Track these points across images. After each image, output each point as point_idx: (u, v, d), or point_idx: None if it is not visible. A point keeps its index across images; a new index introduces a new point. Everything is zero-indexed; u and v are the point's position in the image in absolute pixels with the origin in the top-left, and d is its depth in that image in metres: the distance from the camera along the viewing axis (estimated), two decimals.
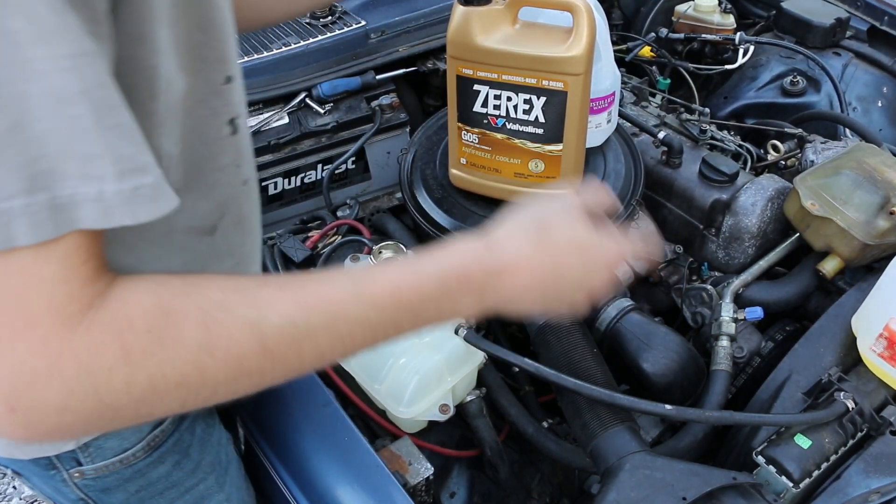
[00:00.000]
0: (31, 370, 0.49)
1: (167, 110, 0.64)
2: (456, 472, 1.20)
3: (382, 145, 1.61)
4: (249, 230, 0.87)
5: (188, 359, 0.54)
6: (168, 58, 0.62)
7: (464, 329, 1.11)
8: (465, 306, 0.71)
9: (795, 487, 0.98)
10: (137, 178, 0.51)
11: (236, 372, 0.57)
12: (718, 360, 1.21)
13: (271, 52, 1.62)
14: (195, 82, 0.68)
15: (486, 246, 0.73)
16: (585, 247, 0.76)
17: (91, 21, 0.51)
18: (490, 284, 0.71)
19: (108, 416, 0.53)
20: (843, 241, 1.25)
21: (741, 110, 1.87)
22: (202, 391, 0.56)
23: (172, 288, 0.56)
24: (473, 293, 0.71)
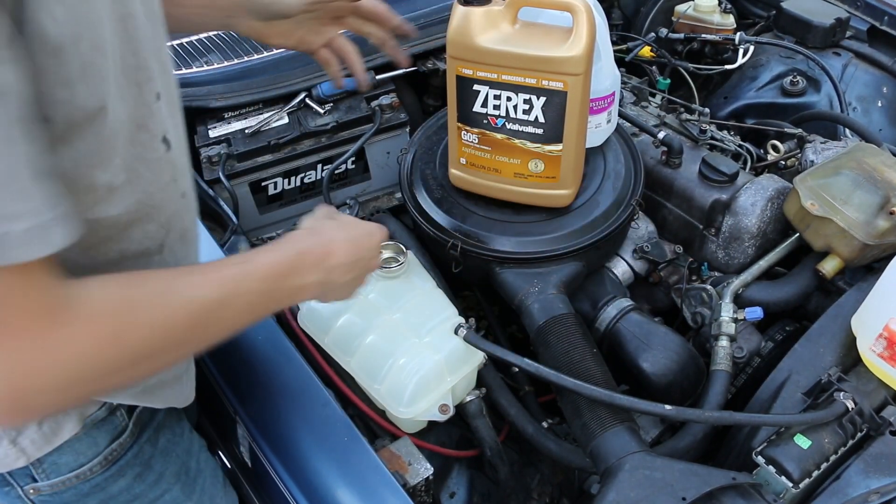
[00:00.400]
0: (24, 363, 0.59)
1: (104, 142, 0.66)
2: (456, 472, 1.20)
3: (382, 145, 1.62)
4: (192, 240, 0.91)
5: (146, 334, 0.66)
6: (110, 90, 0.65)
7: (464, 329, 1.11)
8: (312, 279, 0.84)
9: (795, 487, 0.98)
10: (5, 226, 0.55)
11: (181, 339, 0.71)
12: (718, 361, 1.21)
13: (271, 51, 1.62)
14: (133, 108, 0.70)
15: (310, 232, 0.90)
16: (364, 230, 0.95)
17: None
18: (323, 260, 0.86)
19: (91, 388, 0.68)
20: (842, 241, 1.25)
21: (741, 110, 1.87)
22: (160, 357, 0.71)
23: (125, 282, 0.68)
24: (317, 267, 0.85)
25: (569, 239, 1.27)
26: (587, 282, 1.35)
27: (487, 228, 1.29)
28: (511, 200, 1.29)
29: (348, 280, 0.91)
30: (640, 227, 1.46)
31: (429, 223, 1.33)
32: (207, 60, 1.60)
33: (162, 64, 0.77)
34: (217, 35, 1.69)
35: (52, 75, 0.58)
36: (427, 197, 1.35)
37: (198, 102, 1.53)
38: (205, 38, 1.69)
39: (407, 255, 1.22)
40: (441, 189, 1.36)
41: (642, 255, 1.42)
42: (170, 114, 0.79)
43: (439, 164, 1.41)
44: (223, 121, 1.56)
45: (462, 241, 1.27)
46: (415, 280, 1.21)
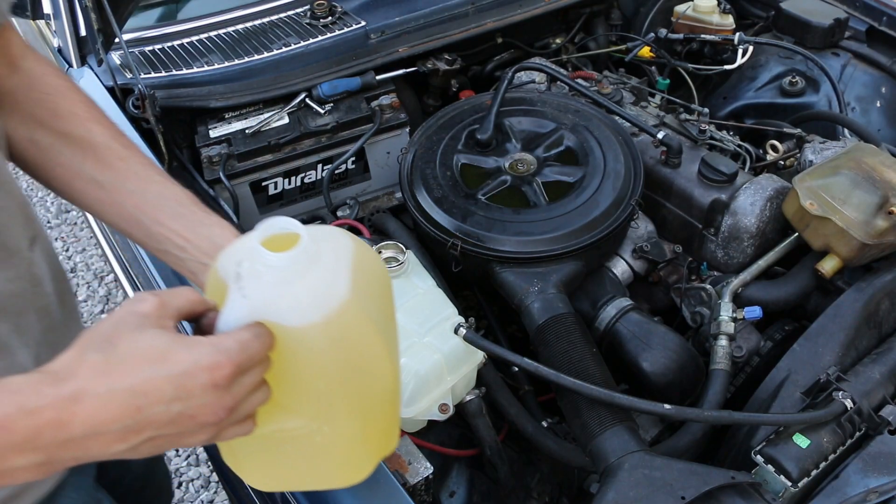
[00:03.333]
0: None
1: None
2: (455, 471, 1.21)
3: (382, 145, 1.62)
4: (37, 327, 0.74)
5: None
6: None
7: (463, 329, 1.11)
8: (21, 463, 0.56)
9: (794, 487, 0.98)
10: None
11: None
12: (717, 360, 1.21)
13: (271, 52, 1.63)
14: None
15: (45, 379, 0.57)
16: (164, 357, 0.58)
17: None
18: (57, 430, 0.55)
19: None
20: (841, 241, 1.25)
21: (740, 110, 1.87)
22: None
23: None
24: (35, 443, 0.55)
25: (568, 239, 1.28)
26: (587, 281, 1.35)
27: (487, 228, 1.29)
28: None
29: (143, 449, 0.60)
30: (640, 227, 1.46)
31: (429, 223, 1.33)
32: (208, 61, 1.60)
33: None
34: (217, 35, 1.70)
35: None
36: (427, 196, 1.35)
37: (198, 102, 1.54)
38: (205, 39, 1.69)
39: (407, 255, 1.22)
40: (441, 189, 1.36)
41: (642, 254, 1.42)
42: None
43: (439, 164, 1.41)
44: (224, 121, 1.56)
45: (462, 241, 1.28)
46: (414, 280, 1.21)
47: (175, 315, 0.63)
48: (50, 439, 0.55)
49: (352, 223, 1.42)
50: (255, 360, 0.61)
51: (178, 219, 0.84)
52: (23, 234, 0.79)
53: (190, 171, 1.51)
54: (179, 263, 0.85)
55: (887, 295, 1.24)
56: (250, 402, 0.63)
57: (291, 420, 0.68)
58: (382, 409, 0.75)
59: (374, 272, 0.72)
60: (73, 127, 0.85)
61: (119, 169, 0.85)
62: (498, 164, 1.42)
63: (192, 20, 1.75)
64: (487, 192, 1.37)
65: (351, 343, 0.65)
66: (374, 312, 0.69)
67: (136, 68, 1.47)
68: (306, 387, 0.66)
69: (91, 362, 0.57)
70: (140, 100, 1.40)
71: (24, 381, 0.56)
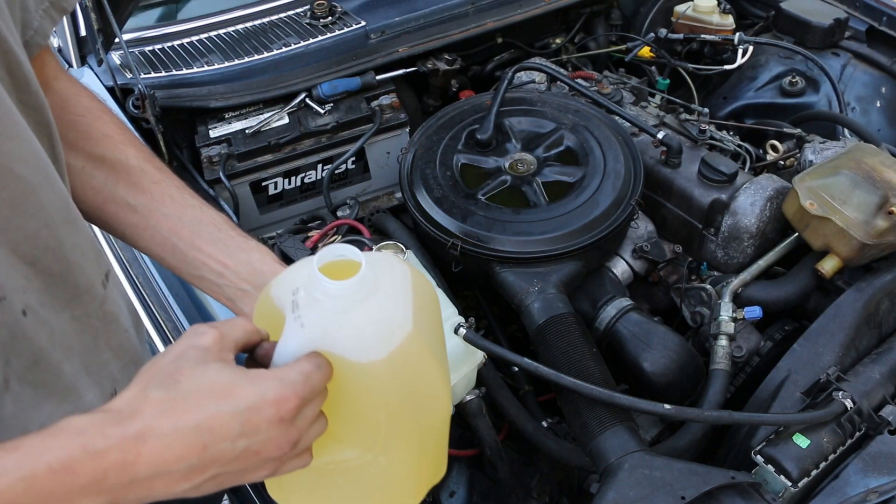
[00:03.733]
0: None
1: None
2: (455, 471, 1.21)
3: (382, 145, 1.62)
4: (56, 361, 0.71)
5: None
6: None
7: (463, 328, 1.11)
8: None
9: (794, 487, 0.98)
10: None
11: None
12: (717, 360, 1.21)
13: (271, 52, 1.63)
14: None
15: (109, 419, 0.55)
16: (229, 392, 0.57)
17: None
18: (121, 472, 0.54)
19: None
20: (841, 241, 1.25)
21: (740, 110, 1.87)
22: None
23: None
24: (100, 486, 0.53)
25: (569, 239, 1.28)
26: (587, 281, 1.35)
27: (487, 228, 1.29)
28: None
29: (206, 487, 0.59)
30: (640, 227, 1.46)
31: (429, 223, 1.33)
32: (208, 61, 1.60)
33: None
34: (217, 35, 1.70)
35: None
36: (427, 196, 1.35)
37: (198, 102, 1.54)
38: (205, 39, 1.69)
39: (407, 255, 1.22)
40: (441, 189, 1.36)
41: (642, 254, 1.42)
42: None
43: (439, 163, 1.41)
44: (224, 121, 1.56)
45: (462, 241, 1.28)
46: None
47: (234, 347, 0.62)
48: (115, 481, 0.54)
49: (352, 223, 1.42)
50: (316, 391, 0.60)
51: (215, 243, 0.82)
52: (96, 271, 0.77)
53: (190, 171, 1.52)
54: (216, 290, 0.83)
55: (887, 295, 1.24)
56: (310, 434, 0.62)
57: (347, 451, 0.66)
58: (437, 438, 0.74)
59: (428, 298, 0.70)
60: (106, 150, 0.83)
61: (153, 193, 0.83)
62: (498, 164, 1.42)
63: (192, 20, 1.75)
64: (487, 192, 1.37)
65: (412, 375, 0.64)
66: (433, 341, 0.67)
67: (136, 68, 1.47)
68: (364, 418, 0.65)
69: (155, 400, 0.56)
70: (140, 100, 1.40)
71: (87, 420, 0.54)
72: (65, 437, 0.53)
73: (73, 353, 0.74)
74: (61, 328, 0.72)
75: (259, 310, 0.68)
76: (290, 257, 1.34)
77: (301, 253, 1.34)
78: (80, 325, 0.75)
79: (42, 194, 0.67)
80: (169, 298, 1.31)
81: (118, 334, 0.81)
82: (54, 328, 0.71)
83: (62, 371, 0.72)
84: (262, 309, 0.67)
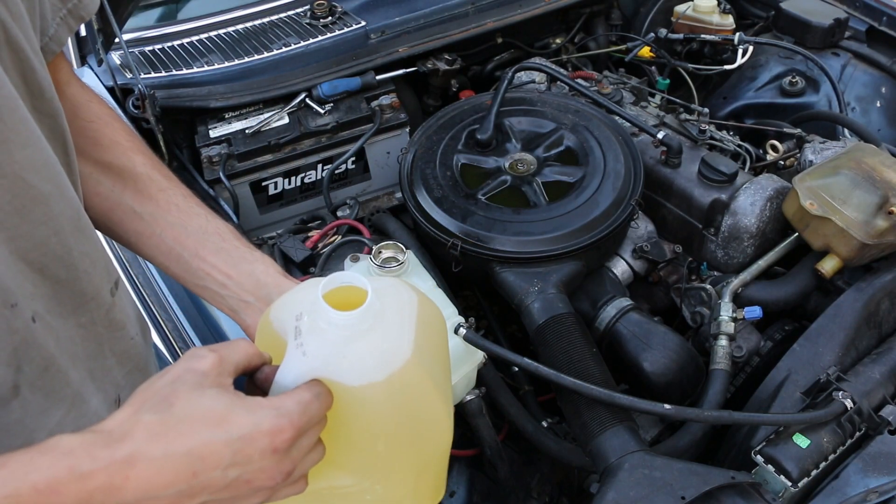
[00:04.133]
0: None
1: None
2: (455, 471, 1.21)
3: (382, 145, 1.62)
4: (67, 366, 0.72)
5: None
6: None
7: (463, 328, 1.11)
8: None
9: (794, 487, 0.98)
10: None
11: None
12: (717, 360, 1.21)
13: (271, 52, 1.63)
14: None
15: (98, 441, 0.54)
16: (224, 419, 0.56)
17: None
18: (107, 496, 0.53)
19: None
20: (841, 241, 1.25)
21: (740, 110, 1.87)
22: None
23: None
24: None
25: (569, 239, 1.28)
26: (587, 281, 1.35)
27: (487, 228, 1.29)
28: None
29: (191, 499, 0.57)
30: (640, 227, 1.46)
31: (429, 223, 1.33)
32: (208, 61, 1.60)
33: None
34: (217, 35, 1.70)
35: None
36: (427, 196, 1.35)
37: (198, 102, 1.54)
38: (205, 39, 1.69)
39: (407, 255, 1.22)
40: (441, 189, 1.36)
41: (642, 254, 1.42)
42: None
43: (439, 164, 1.41)
44: (224, 121, 1.56)
45: (462, 241, 1.28)
46: (415, 280, 1.21)
47: (233, 371, 0.61)
48: (108, 502, 0.52)
49: (352, 223, 1.42)
50: (314, 421, 0.59)
51: (219, 253, 0.82)
52: (104, 279, 0.76)
53: (190, 171, 1.52)
54: (219, 300, 0.82)
55: (887, 295, 1.24)
56: (306, 462, 0.61)
57: (344, 478, 0.66)
58: (436, 465, 0.73)
59: (434, 325, 0.69)
60: (114, 156, 0.83)
61: (160, 201, 0.83)
62: (498, 164, 1.42)
63: (192, 20, 1.75)
64: (487, 192, 1.37)
65: (411, 402, 0.63)
66: (435, 369, 0.66)
67: (136, 68, 1.47)
68: (362, 445, 0.64)
69: (147, 423, 0.54)
70: (140, 100, 1.40)
71: (77, 441, 0.53)
72: (52, 457, 0.52)
73: (78, 359, 0.74)
74: (67, 335, 0.72)
75: (261, 332, 0.67)
76: (290, 258, 1.34)
77: (301, 253, 1.35)
78: (85, 332, 0.74)
79: (53, 203, 0.67)
80: (175, 309, 1.31)
81: (123, 341, 0.81)
82: (60, 335, 0.70)
83: (69, 378, 0.72)
84: (264, 332, 0.66)
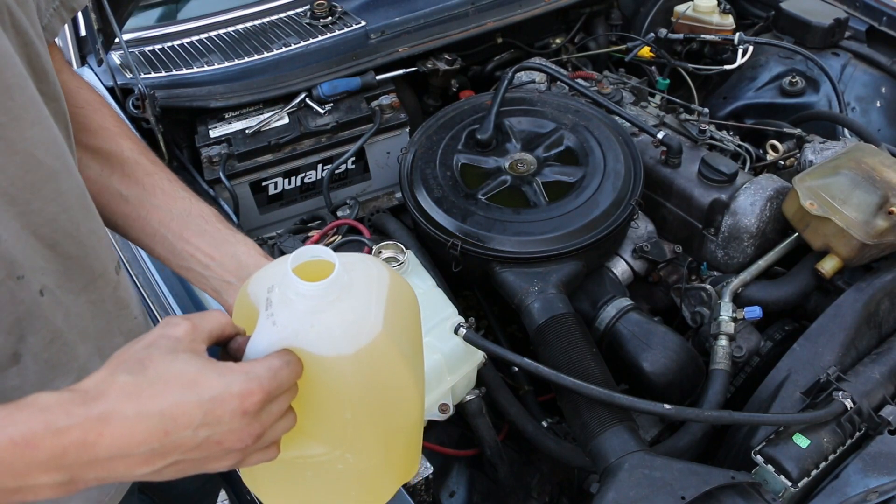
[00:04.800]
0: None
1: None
2: (455, 471, 1.21)
3: (382, 145, 1.62)
4: (74, 341, 0.74)
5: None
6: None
7: (463, 328, 1.11)
8: (44, 481, 0.55)
9: (794, 487, 0.98)
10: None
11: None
12: (717, 360, 1.21)
13: (271, 52, 1.63)
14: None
15: (76, 398, 0.56)
16: (195, 381, 0.58)
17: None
18: (81, 451, 0.55)
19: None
20: (841, 241, 1.25)
21: (740, 110, 1.87)
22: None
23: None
24: (59, 462, 0.54)
25: (569, 239, 1.28)
26: (587, 281, 1.35)
27: (487, 228, 1.29)
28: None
29: (167, 472, 0.59)
30: (640, 227, 1.46)
31: (429, 223, 1.33)
32: (208, 61, 1.60)
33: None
34: (217, 35, 1.70)
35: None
36: (427, 196, 1.35)
37: (198, 102, 1.54)
38: (205, 39, 1.69)
39: (407, 255, 1.22)
40: (441, 189, 1.36)
41: (642, 254, 1.42)
42: (4, 202, 0.64)
43: (439, 163, 1.41)
44: (224, 121, 1.56)
45: (462, 241, 1.28)
46: (415, 280, 1.21)
47: (206, 339, 0.63)
48: (74, 459, 0.55)
49: (352, 223, 1.42)
50: (283, 387, 0.61)
51: (202, 236, 0.84)
52: (109, 257, 0.79)
53: (190, 171, 1.52)
54: (202, 281, 0.84)
55: (887, 295, 1.24)
56: (276, 429, 0.62)
57: (315, 447, 0.67)
58: (406, 438, 0.74)
59: (405, 301, 0.71)
60: (102, 142, 0.85)
61: (146, 184, 0.85)
62: (498, 164, 1.42)
63: (192, 20, 1.75)
64: (487, 192, 1.37)
65: (380, 375, 0.65)
66: (405, 344, 0.68)
67: (136, 68, 1.47)
68: (332, 416, 0.66)
69: (121, 384, 0.57)
70: (140, 100, 1.40)
71: (54, 398, 0.55)
72: (29, 412, 0.54)
73: (88, 336, 0.76)
74: (77, 311, 0.74)
75: (238, 306, 0.69)
76: None
77: None
78: (95, 309, 0.77)
79: (61, 180, 0.69)
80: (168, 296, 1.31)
81: (129, 320, 0.83)
82: (70, 310, 0.72)
83: (77, 352, 0.74)
84: (241, 305, 0.68)
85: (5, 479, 0.54)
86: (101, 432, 0.55)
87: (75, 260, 0.73)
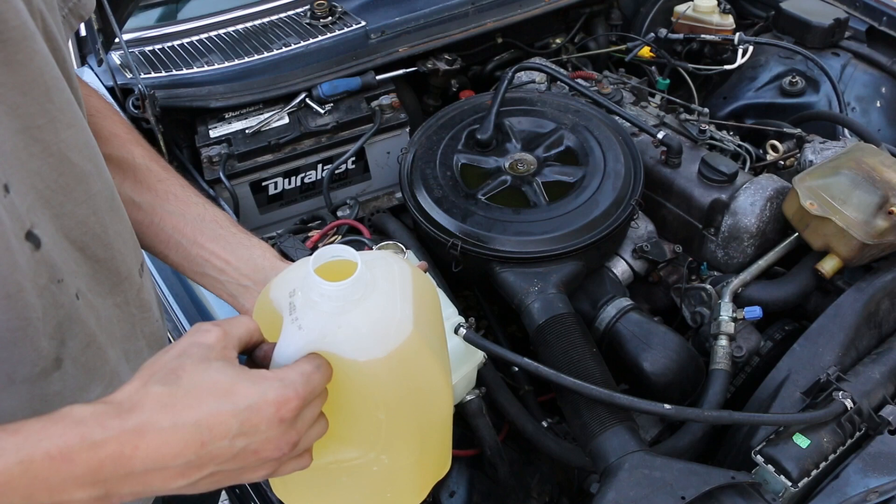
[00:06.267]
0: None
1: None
2: (455, 471, 1.20)
3: (382, 145, 1.62)
4: (104, 344, 0.74)
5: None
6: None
7: (463, 328, 1.11)
8: (79, 496, 0.53)
9: (794, 486, 0.98)
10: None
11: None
12: (717, 360, 1.21)
13: (271, 52, 1.63)
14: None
15: (110, 411, 0.55)
16: (230, 390, 0.57)
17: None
18: (116, 465, 0.53)
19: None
20: (841, 241, 1.25)
21: (740, 110, 1.87)
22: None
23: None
24: (94, 477, 0.53)
25: (569, 239, 1.28)
26: (587, 281, 1.35)
27: (487, 228, 1.29)
28: None
29: (202, 484, 0.58)
30: (640, 227, 1.46)
31: (429, 223, 1.33)
32: (208, 61, 1.60)
33: (14, 148, 0.60)
34: (217, 35, 1.70)
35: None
36: (427, 196, 1.35)
37: (198, 102, 1.54)
38: (205, 39, 1.69)
39: (407, 255, 1.22)
40: (441, 189, 1.36)
41: (642, 254, 1.42)
42: (41, 205, 0.63)
43: (439, 163, 1.41)
44: (224, 121, 1.56)
45: (462, 241, 1.28)
46: None
47: (237, 345, 0.62)
48: (111, 473, 0.53)
49: (352, 223, 1.42)
50: (316, 392, 0.60)
51: (217, 240, 0.84)
52: (134, 259, 0.78)
53: (190, 171, 1.52)
54: (218, 286, 0.84)
55: (887, 295, 1.24)
56: (310, 435, 0.62)
57: (348, 451, 0.67)
58: (439, 436, 0.74)
59: (428, 295, 0.70)
60: (113, 148, 0.84)
61: (158, 191, 0.85)
62: (498, 164, 1.42)
63: (192, 20, 1.75)
64: (487, 192, 1.37)
65: (413, 375, 0.64)
66: (434, 339, 0.67)
67: (136, 68, 1.47)
68: (365, 418, 0.65)
69: (155, 394, 0.55)
70: (140, 100, 1.40)
71: (88, 411, 0.54)
72: (64, 425, 0.53)
73: (115, 339, 0.75)
74: (106, 314, 0.74)
75: (258, 311, 0.68)
76: (290, 257, 1.34)
77: (301, 253, 1.34)
78: (120, 312, 0.76)
79: (92, 182, 0.69)
80: (169, 298, 1.31)
81: (150, 323, 0.83)
82: (101, 314, 0.72)
83: (108, 356, 0.73)
84: (261, 311, 0.67)
85: (41, 494, 0.52)
86: (137, 445, 0.53)
87: (103, 262, 0.72)
